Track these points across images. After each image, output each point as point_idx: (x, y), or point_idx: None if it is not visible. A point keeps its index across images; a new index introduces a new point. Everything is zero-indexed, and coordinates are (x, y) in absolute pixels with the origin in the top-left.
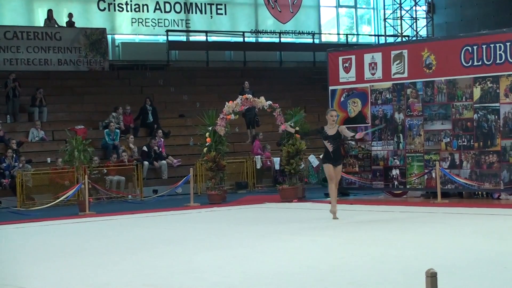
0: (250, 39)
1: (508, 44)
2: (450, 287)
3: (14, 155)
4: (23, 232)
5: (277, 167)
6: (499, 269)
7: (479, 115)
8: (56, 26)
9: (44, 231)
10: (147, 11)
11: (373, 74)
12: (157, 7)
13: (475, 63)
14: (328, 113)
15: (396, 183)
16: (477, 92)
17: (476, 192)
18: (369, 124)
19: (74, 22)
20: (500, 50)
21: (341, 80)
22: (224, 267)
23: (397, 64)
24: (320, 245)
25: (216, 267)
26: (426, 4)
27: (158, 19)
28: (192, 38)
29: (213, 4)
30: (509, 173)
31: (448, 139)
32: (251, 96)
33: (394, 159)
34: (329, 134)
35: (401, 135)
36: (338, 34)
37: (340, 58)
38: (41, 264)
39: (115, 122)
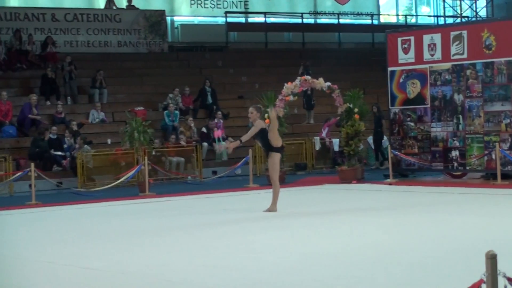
0: (309, 20)
1: None
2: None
3: (74, 137)
4: (84, 212)
5: (336, 148)
6: None
7: None
8: (114, 8)
9: (104, 212)
10: None
11: (432, 55)
12: None
13: None
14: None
15: (455, 164)
16: None
17: None
18: (428, 106)
19: (134, 6)
20: None
21: (400, 61)
22: (282, 248)
23: (456, 45)
24: (379, 226)
25: (274, 247)
26: None
27: (216, 1)
28: (250, 20)
29: None
30: None
31: (508, 120)
32: (309, 77)
33: (454, 140)
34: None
35: (460, 116)
36: (397, 15)
37: (399, 39)
38: (101, 244)
39: (173, 104)
